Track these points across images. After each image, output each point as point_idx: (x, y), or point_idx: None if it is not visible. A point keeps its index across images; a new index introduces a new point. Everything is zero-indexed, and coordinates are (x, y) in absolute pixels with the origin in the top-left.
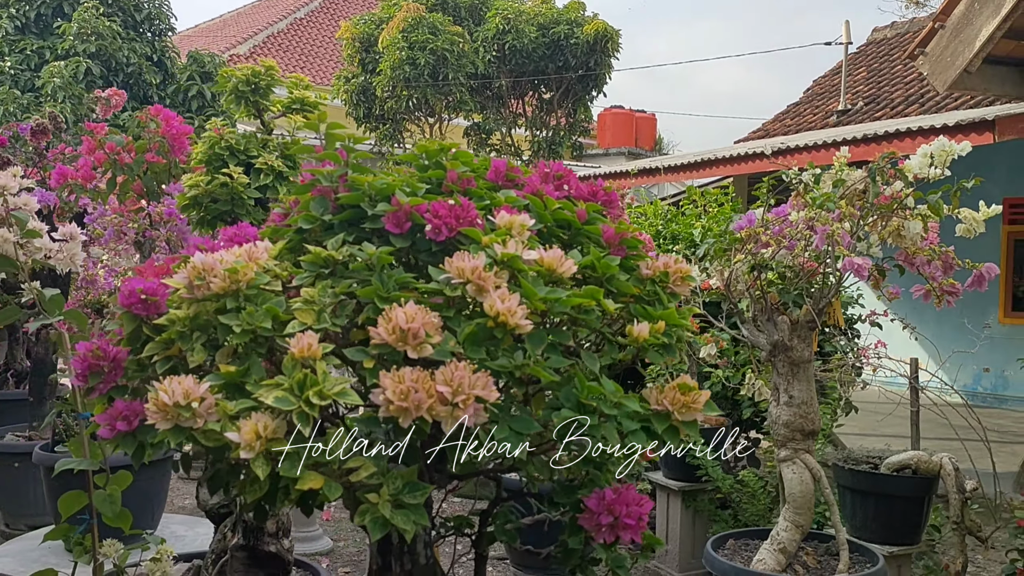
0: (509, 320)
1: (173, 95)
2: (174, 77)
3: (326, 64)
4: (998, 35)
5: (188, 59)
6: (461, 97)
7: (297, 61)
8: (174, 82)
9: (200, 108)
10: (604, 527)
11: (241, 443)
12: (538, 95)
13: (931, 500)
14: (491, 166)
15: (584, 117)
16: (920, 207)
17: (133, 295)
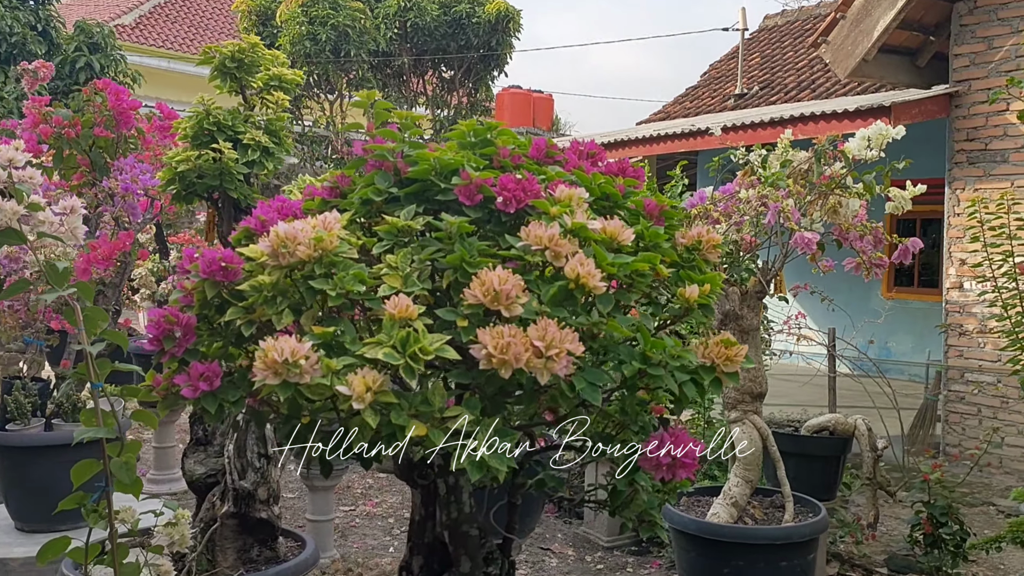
0: (589, 282)
1: (60, 66)
2: (60, 48)
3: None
4: (893, 26)
5: (75, 29)
6: (362, 74)
7: (186, 33)
8: (60, 53)
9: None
10: (664, 466)
11: (353, 395)
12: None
13: (846, 459)
14: (532, 144)
15: (485, 96)
16: (856, 186)
17: (214, 263)
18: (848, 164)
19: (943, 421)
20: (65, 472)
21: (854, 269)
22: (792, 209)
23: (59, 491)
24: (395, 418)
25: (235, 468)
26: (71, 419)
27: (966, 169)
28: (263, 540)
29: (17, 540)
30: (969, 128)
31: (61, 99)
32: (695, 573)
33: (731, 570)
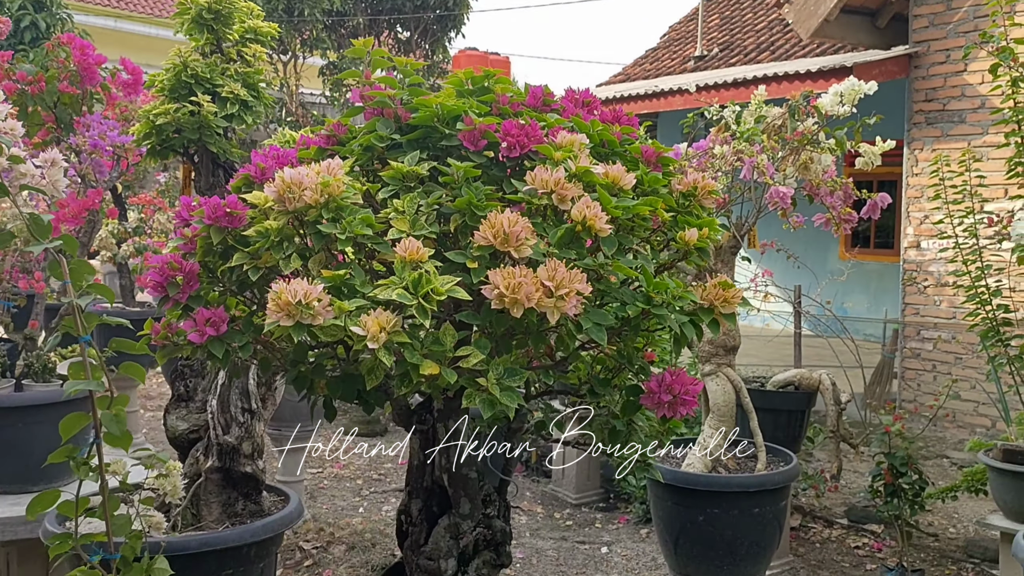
0: (595, 224)
1: None
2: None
3: None
4: None
5: None
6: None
7: None
8: (3, 11)
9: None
10: (665, 403)
11: (367, 335)
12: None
13: (810, 413)
14: (529, 91)
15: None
16: (828, 142)
17: (219, 209)
18: (821, 120)
19: (899, 378)
20: (37, 433)
21: (824, 224)
22: (767, 164)
23: (31, 452)
24: (409, 357)
25: (219, 423)
26: (41, 379)
27: (924, 130)
28: (247, 494)
29: None
30: (928, 89)
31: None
32: (671, 521)
33: (706, 517)
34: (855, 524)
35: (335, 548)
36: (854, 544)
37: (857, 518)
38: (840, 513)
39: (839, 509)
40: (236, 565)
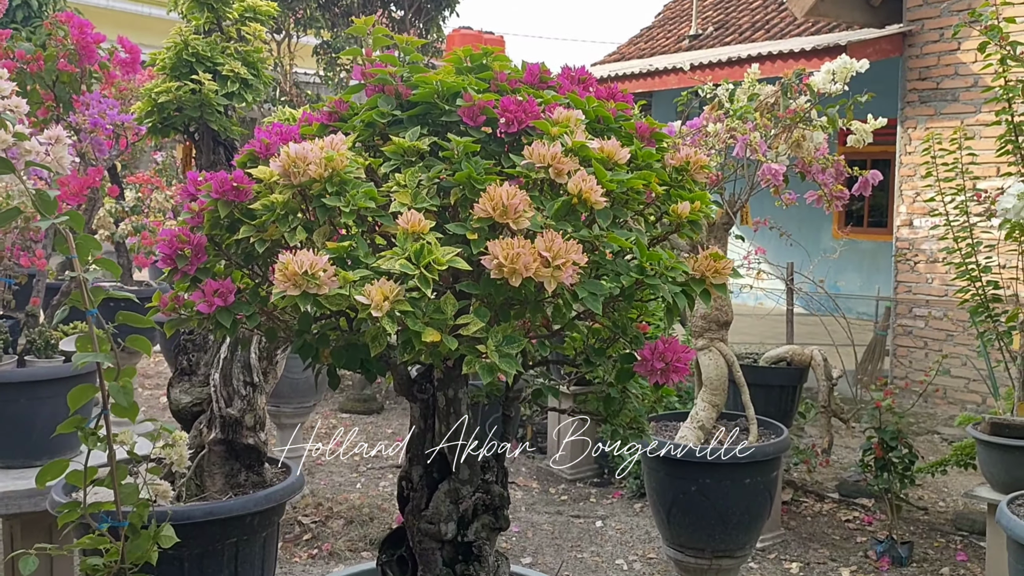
0: (591, 197)
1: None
2: None
3: None
4: None
5: None
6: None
7: None
8: None
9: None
10: (658, 370)
11: (371, 304)
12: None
13: (802, 388)
14: (527, 68)
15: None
16: (820, 120)
17: (227, 183)
18: (813, 98)
19: (891, 355)
20: (40, 407)
21: (816, 201)
22: (760, 141)
23: (34, 427)
24: (412, 324)
25: (222, 396)
26: (44, 355)
27: (918, 108)
28: (250, 465)
29: None
30: (921, 67)
31: None
32: (664, 492)
33: (698, 488)
34: (846, 498)
35: (333, 522)
36: (844, 518)
37: (848, 492)
38: (831, 488)
39: (830, 484)
40: (240, 534)
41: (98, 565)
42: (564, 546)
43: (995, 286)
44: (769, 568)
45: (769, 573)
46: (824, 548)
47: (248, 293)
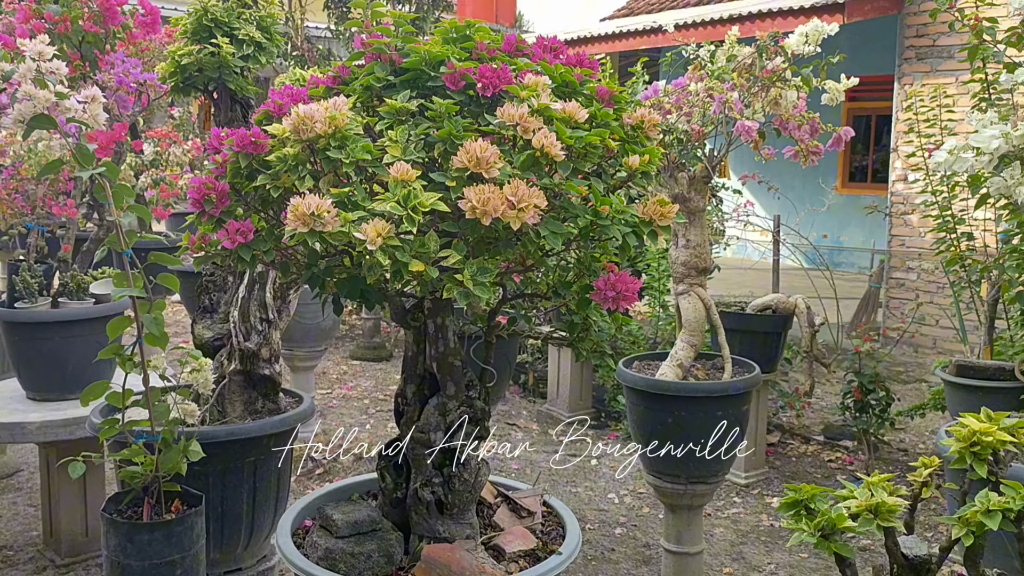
0: (551, 151)
1: None
2: None
3: None
4: None
5: None
6: None
7: None
8: None
9: None
10: (610, 298)
11: (367, 239)
12: None
13: (786, 335)
14: (504, 39)
15: None
16: (795, 80)
17: (246, 138)
18: (787, 59)
19: (885, 307)
20: (72, 345)
21: (793, 156)
22: (736, 100)
23: (68, 363)
24: (400, 256)
25: (240, 331)
26: (76, 297)
27: (915, 65)
28: (266, 394)
29: (31, 407)
30: (919, 24)
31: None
32: (643, 423)
33: (674, 419)
34: (830, 440)
35: (344, 458)
36: (828, 458)
37: (833, 435)
38: (817, 431)
39: (816, 427)
40: (257, 453)
41: (136, 473)
42: (560, 481)
43: (968, 237)
44: (751, 503)
45: (751, 507)
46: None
47: (264, 232)
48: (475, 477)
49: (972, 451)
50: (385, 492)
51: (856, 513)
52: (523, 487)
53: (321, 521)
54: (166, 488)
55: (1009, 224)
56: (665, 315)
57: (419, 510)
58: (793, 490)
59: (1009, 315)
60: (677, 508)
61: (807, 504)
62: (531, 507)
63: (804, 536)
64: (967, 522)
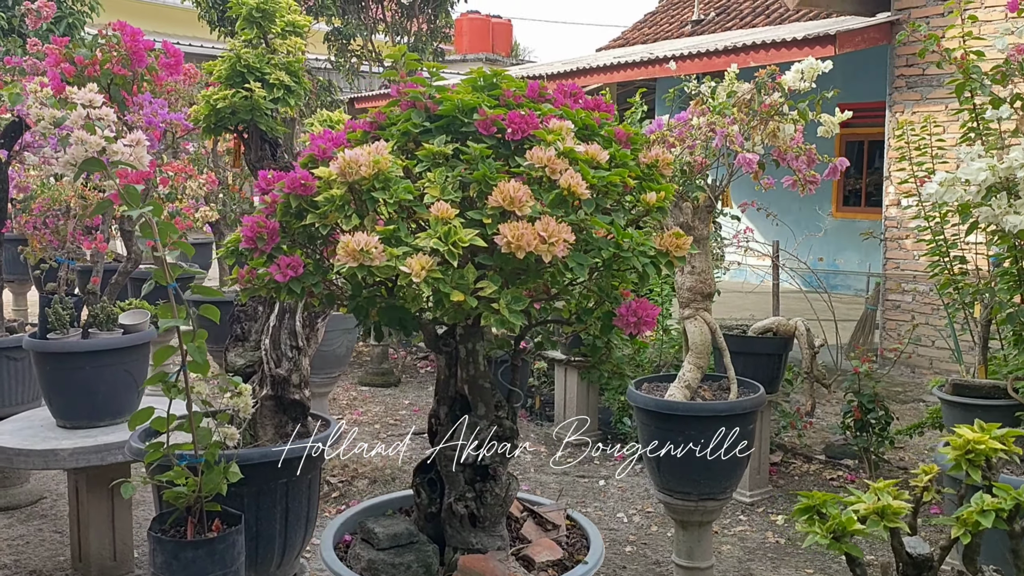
0: (577, 190)
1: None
2: None
3: None
4: None
5: None
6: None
7: None
8: None
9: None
10: (632, 324)
11: (412, 272)
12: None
13: (787, 357)
14: (527, 87)
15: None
16: (792, 113)
17: (296, 181)
18: (784, 94)
19: (881, 328)
20: (102, 374)
21: (791, 186)
22: (737, 134)
23: (98, 391)
24: (442, 288)
25: (271, 358)
26: (105, 328)
27: (905, 93)
28: (295, 418)
29: (63, 435)
30: (908, 54)
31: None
32: (654, 442)
33: (684, 438)
34: (832, 460)
35: (358, 482)
36: (829, 477)
37: (834, 455)
38: (818, 451)
39: (818, 447)
40: (290, 475)
41: (181, 493)
42: (570, 502)
43: (961, 260)
44: (757, 520)
45: (756, 525)
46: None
47: (312, 267)
48: (506, 492)
49: (967, 458)
50: (420, 507)
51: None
52: (547, 502)
53: (363, 535)
54: (207, 508)
55: (999, 248)
56: (668, 339)
57: (453, 523)
58: (806, 497)
59: (1002, 335)
60: (688, 525)
61: (819, 509)
62: (555, 520)
63: (818, 538)
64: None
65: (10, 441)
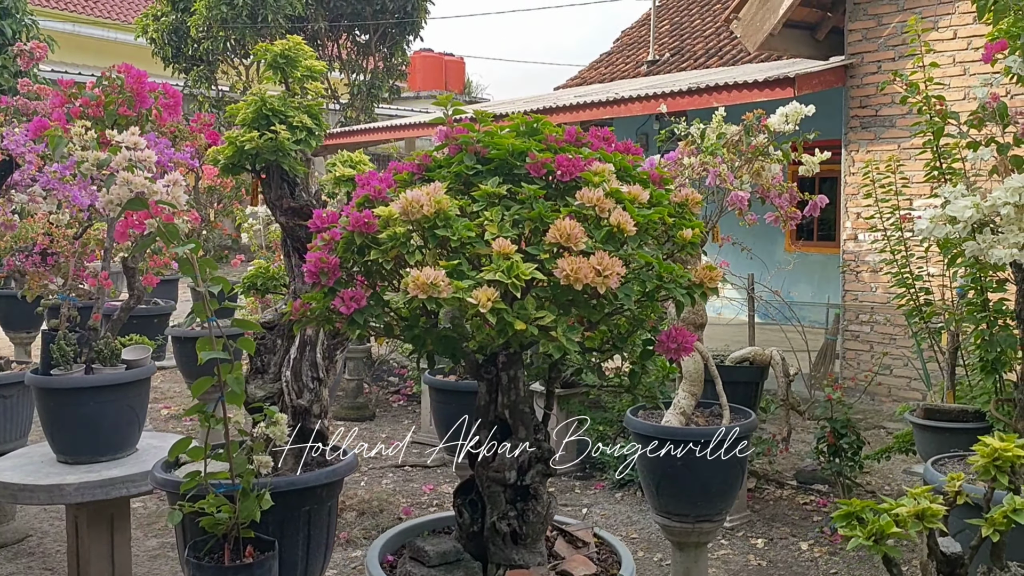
0: (626, 227)
1: None
2: None
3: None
4: (796, 4)
5: None
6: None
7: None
8: None
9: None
10: (672, 349)
11: (479, 303)
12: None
13: (763, 385)
14: (566, 132)
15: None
16: (776, 154)
17: (360, 220)
18: (770, 136)
19: (841, 358)
20: (105, 409)
21: (774, 221)
22: (727, 173)
23: (101, 426)
24: (507, 317)
25: (293, 389)
26: (108, 364)
27: (860, 133)
28: (315, 448)
29: (65, 470)
30: (862, 96)
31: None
32: (653, 468)
33: (683, 462)
34: (803, 485)
35: (347, 514)
36: (803, 501)
37: (804, 480)
38: (789, 476)
39: (788, 473)
40: (312, 502)
41: (220, 520)
42: None
43: (926, 292)
44: (738, 544)
45: (738, 548)
46: (785, 526)
47: (372, 299)
48: (546, 509)
49: (995, 464)
50: (462, 527)
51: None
52: (573, 522)
53: (412, 553)
54: (243, 534)
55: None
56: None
57: (496, 541)
58: (846, 504)
59: (967, 362)
60: (685, 546)
61: (858, 515)
62: (585, 538)
63: (860, 540)
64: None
65: (13, 476)
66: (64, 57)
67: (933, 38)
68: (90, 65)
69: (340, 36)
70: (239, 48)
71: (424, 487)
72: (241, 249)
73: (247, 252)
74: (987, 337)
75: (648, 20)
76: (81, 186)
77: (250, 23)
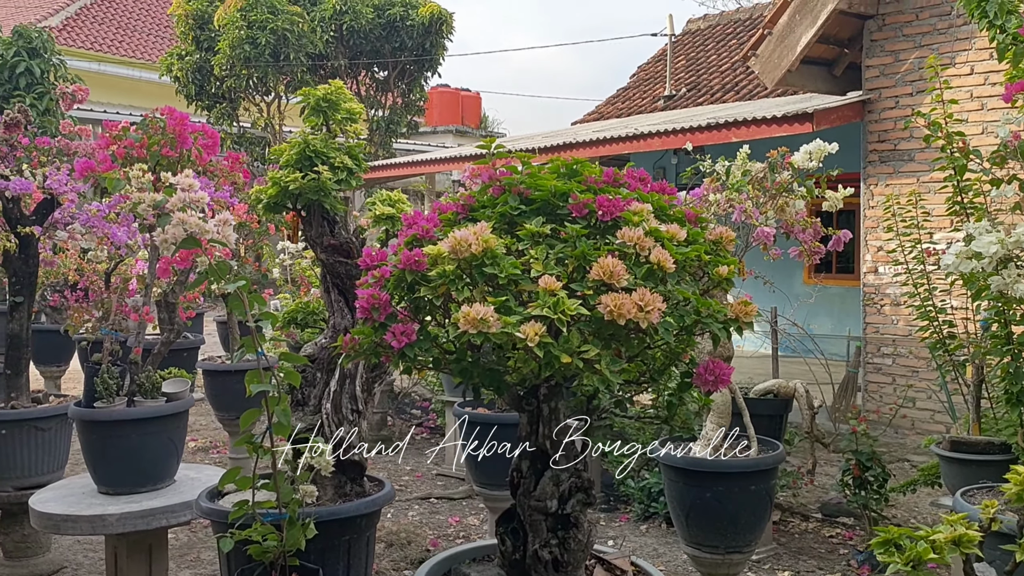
0: (666, 265)
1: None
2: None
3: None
4: (813, 40)
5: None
6: (300, 76)
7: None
8: None
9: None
10: (710, 381)
11: (527, 337)
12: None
13: (787, 417)
14: (604, 173)
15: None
16: (800, 190)
17: (411, 258)
18: (794, 173)
19: (863, 390)
20: (147, 442)
21: (798, 256)
22: (753, 209)
23: (142, 458)
24: (553, 350)
25: (332, 421)
26: (150, 396)
27: (878, 167)
28: (353, 478)
29: (108, 501)
30: (880, 131)
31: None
32: (683, 499)
33: (712, 494)
34: (828, 518)
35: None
36: (828, 534)
37: (829, 512)
38: (814, 509)
39: (813, 506)
40: (352, 532)
41: (269, 548)
42: None
43: (949, 324)
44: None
45: None
46: (812, 559)
47: (420, 334)
48: (587, 537)
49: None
50: (504, 555)
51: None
52: (610, 550)
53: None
54: (289, 563)
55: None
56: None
57: (538, 568)
58: (883, 531)
59: (992, 394)
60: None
61: (896, 542)
62: (623, 566)
63: (899, 566)
64: None
65: (56, 507)
66: (94, 95)
67: (950, 73)
68: (115, 103)
69: (360, 73)
70: (261, 85)
71: (450, 519)
72: (269, 283)
73: (274, 287)
74: (1012, 370)
75: (664, 56)
76: (124, 224)
77: (272, 61)
